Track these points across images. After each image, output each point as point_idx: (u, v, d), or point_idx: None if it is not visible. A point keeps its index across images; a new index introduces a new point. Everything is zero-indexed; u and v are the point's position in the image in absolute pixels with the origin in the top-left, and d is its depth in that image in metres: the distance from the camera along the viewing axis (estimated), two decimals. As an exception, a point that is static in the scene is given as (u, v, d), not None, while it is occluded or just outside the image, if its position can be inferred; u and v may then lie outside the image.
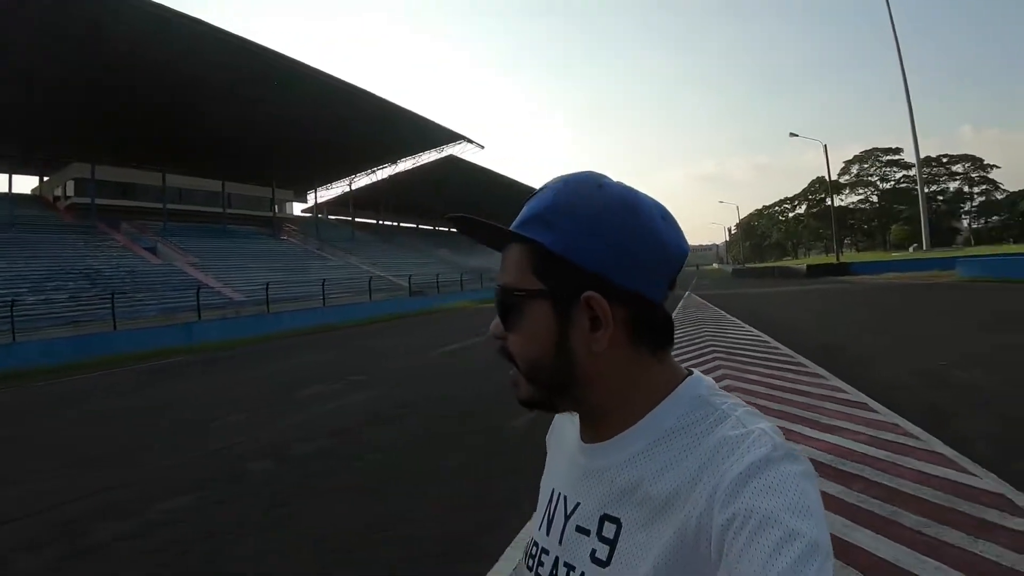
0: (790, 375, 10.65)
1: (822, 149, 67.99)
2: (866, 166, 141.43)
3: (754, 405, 4.69)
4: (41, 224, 50.22)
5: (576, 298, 0.94)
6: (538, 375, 0.95)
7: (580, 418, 1.05)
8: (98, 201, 54.40)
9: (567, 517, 1.00)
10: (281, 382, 15.84)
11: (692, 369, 1.02)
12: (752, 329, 17.77)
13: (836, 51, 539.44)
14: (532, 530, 1.11)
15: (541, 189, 0.98)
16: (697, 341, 15.85)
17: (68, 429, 12.00)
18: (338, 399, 12.46)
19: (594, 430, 1.01)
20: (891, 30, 77.84)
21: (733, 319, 21.27)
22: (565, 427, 1.17)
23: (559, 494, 1.05)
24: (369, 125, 59.85)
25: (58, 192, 58.87)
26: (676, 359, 1.00)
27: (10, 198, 51.05)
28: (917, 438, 6.58)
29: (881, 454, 6.12)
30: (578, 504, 0.99)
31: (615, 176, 0.97)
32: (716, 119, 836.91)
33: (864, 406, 8.12)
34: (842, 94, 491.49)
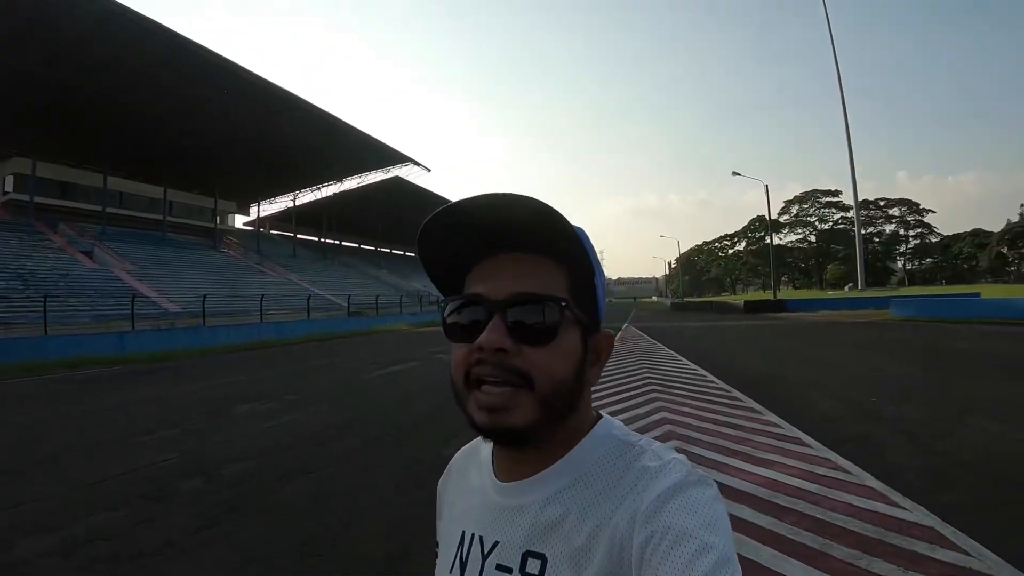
0: (724, 409, 10.71)
1: (763, 188, 69.26)
2: (806, 207, 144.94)
3: (689, 438, 4.77)
4: (-25, 220, 48.92)
5: (594, 332, 1.02)
6: (560, 398, 0.94)
7: (506, 454, 1.05)
8: (37, 199, 53.35)
9: (484, 557, 1.00)
10: (215, 398, 15.49)
11: (600, 412, 1.07)
12: (689, 362, 17.86)
13: (779, 93, 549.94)
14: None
15: (563, 217, 0.93)
16: (633, 374, 15.79)
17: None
18: (272, 418, 12.22)
19: (517, 467, 1.02)
20: (836, 76, 79.54)
21: (670, 352, 21.36)
22: (466, 470, 1.18)
23: (472, 535, 1.04)
24: (317, 141, 59.72)
25: (-4, 187, 57.55)
26: (617, 390, 1.03)
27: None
28: (848, 472, 6.68)
29: (813, 487, 6.19)
30: (496, 543, 0.99)
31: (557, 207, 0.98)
32: (659, 155, 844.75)
33: (797, 440, 8.22)
34: (784, 136, 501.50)
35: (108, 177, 58.33)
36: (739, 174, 70.97)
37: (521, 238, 0.96)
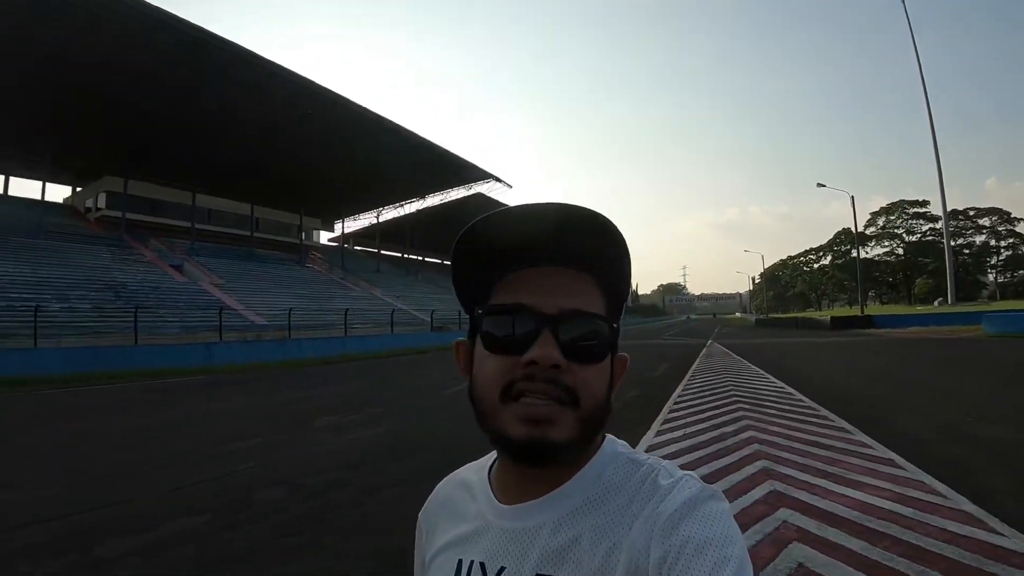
0: (814, 428, 10.43)
1: (848, 200, 67.84)
2: (892, 218, 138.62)
3: (778, 458, 4.63)
4: (70, 234, 51.23)
5: (616, 351, 1.00)
6: (598, 418, 0.93)
7: (512, 476, 1.02)
8: (128, 216, 55.39)
9: None
10: (297, 410, 15.76)
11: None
12: (775, 380, 17.54)
13: (862, 101, 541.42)
14: None
15: (611, 229, 0.93)
16: (720, 391, 15.65)
17: (79, 441, 12.01)
18: (354, 430, 12.31)
19: (524, 488, 0.99)
20: (920, 83, 77.79)
21: (756, 369, 21.05)
22: (453, 498, 1.15)
23: (472, 562, 1.00)
24: (400, 159, 60.29)
25: (89, 203, 60.34)
26: (704, 407, 0.98)
27: (42, 206, 51.88)
28: (944, 496, 6.39)
29: (907, 511, 5.93)
30: (503, 568, 0.95)
31: (641, 222, 0.91)
32: (740, 168, 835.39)
33: (890, 462, 7.91)
34: (868, 146, 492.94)
35: (197, 195, 60.43)
36: (824, 185, 69.97)
37: (566, 251, 0.95)
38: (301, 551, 5.84)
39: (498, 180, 75.59)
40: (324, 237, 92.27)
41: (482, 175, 73.60)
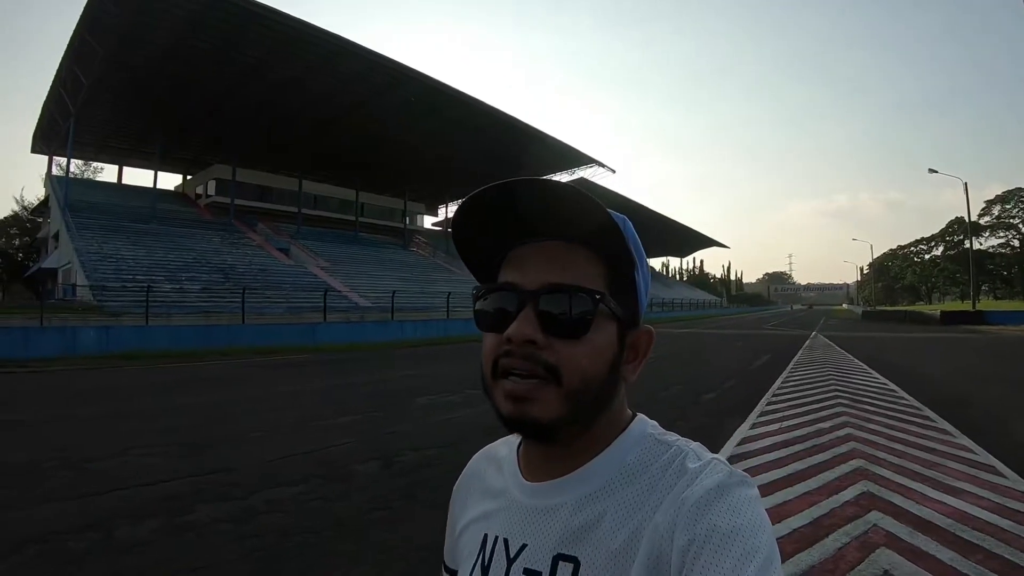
0: (915, 428, 10.05)
1: (961, 187, 64.80)
2: (1008, 207, 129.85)
3: (874, 458, 4.46)
4: (182, 219, 53.64)
5: (633, 327, 0.98)
6: (589, 394, 0.91)
7: (535, 453, 1.02)
8: (237, 201, 57.52)
9: (510, 561, 0.96)
10: (397, 388, 16.05)
11: (635, 411, 1.04)
12: (878, 376, 17.00)
13: (977, 83, 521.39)
14: None
15: (602, 207, 0.90)
16: (820, 384, 15.33)
17: (185, 412, 12.41)
18: (452, 410, 12.42)
19: (547, 466, 0.99)
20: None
21: (859, 364, 20.48)
22: (484, 472, 1.16)
23: (496, 537, 1.00)
24: (503, 144, 60.56)
25: (199, 190, 63.25)
26: (802, 401, 0.95)
27: (154, 193, 54.14)
28: (1048, 509, 6.05)
29: (1005, 524, 5.60)
30: (524, 546, 0.95)
31: (746, 209, 0.89)
32: (851, 152, 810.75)
33: (992, 469, 7.51)
34: (984, 130, 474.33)
35: (303, 181, 61.98)
36: (935, 171, 66.71)
37: (560, 226, 0.93)
38: (389, 524, 5.98)
39: (601, 165, 75.06)
40: (428, 221, 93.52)
41: (585, 160, 73.20)
